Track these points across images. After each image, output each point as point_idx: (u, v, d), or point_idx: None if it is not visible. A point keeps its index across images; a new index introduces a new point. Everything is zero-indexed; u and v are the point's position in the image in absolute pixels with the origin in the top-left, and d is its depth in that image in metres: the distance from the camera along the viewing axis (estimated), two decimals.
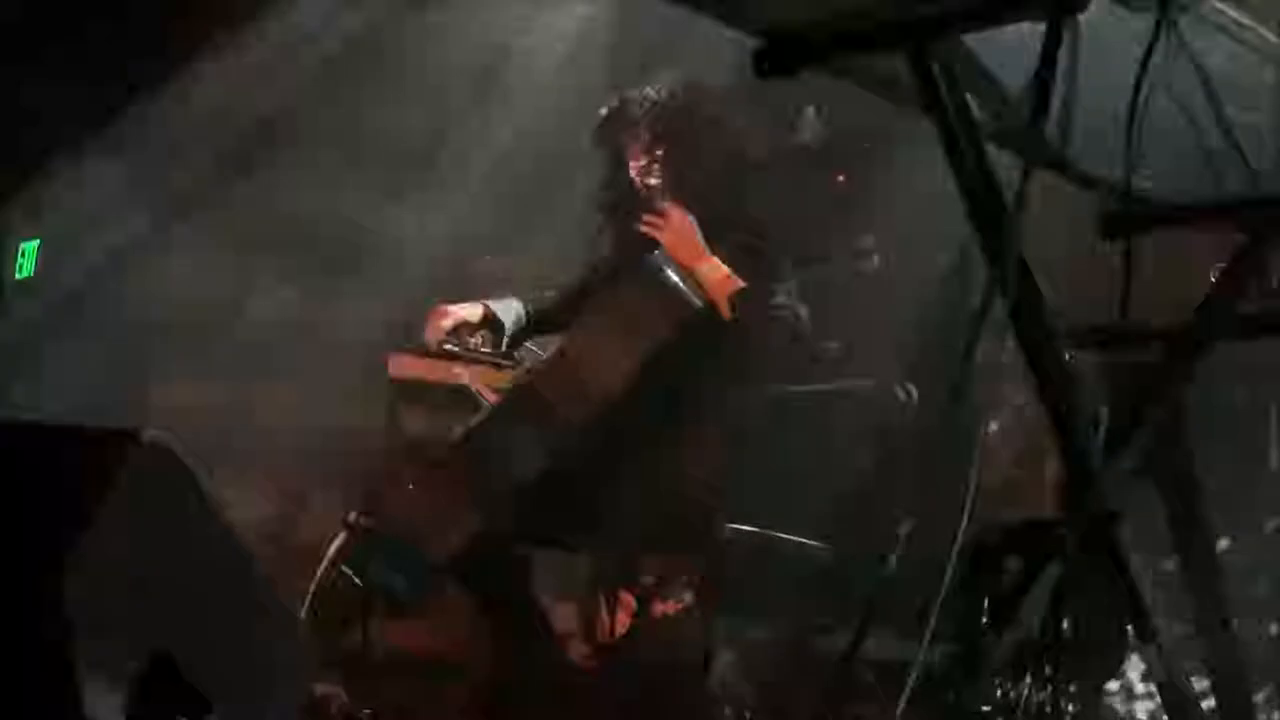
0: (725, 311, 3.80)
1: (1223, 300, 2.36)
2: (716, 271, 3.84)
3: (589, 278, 4.18)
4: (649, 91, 4.04)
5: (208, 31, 5.00)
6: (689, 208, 3.89)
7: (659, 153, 4.00)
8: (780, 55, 2.29)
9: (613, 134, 4.09)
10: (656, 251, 3.87)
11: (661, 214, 3.88)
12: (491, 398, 4.02)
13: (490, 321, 4.17)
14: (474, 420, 3.92)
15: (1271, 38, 2.17)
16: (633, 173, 4.04)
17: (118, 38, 4.92)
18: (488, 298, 4.24)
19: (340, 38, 5.20)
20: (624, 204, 4.08)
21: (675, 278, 3.81)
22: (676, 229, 3.86)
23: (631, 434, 3.77)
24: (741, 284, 3.82)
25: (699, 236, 3.86)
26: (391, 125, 5.36)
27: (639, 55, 5.05)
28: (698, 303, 3.80)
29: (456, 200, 5.36)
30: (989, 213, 2.20)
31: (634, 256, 3.94)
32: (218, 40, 5.01)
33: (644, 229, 3.90)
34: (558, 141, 5.36)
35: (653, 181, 4.01)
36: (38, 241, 5.14)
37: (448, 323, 4.14)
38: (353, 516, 3.80)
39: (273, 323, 5.20)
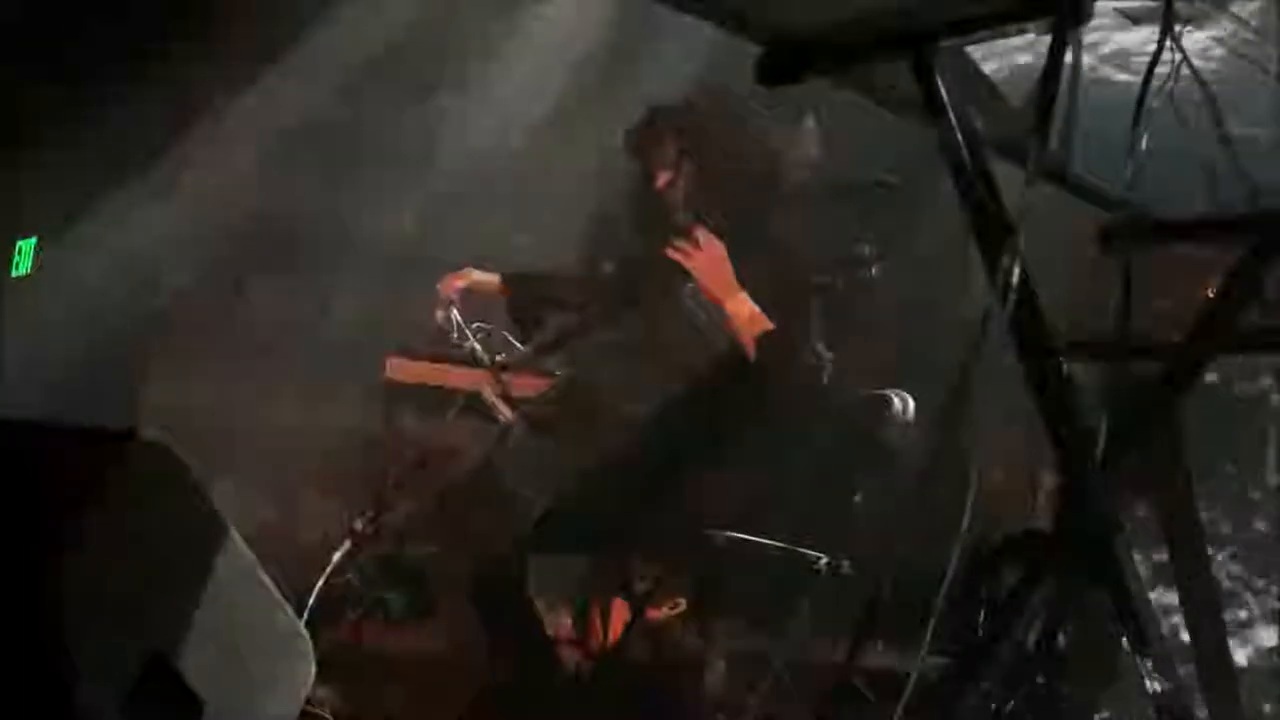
0: (751, 351, 3.68)
1: (1221, 315, 2.36)
2: (745, 308, 3.69)
3: (617, 288, 4.13)
4: (678, 102, 3.97)
5: (211, 34, 5.00)
6: (717, 230, 3.78)
7: (684, 167, 3.92)
8: (783, 63, 2.30)
9: (640, 145, 4.02)
10: (688, 285, 3.75)
11: (693, 241, 3.74)
12: (502, 405, 3.99)
13: (507, 292, 4.15)
14: (485, 443, 3.89)
15: (1273, 52, 2.18)
16: (658, 185, 3.96)
17: (117, 37, 4.93)
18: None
19: (339, 37, 5.20)
20: (652, 218, 4.02)
21: (702, 315, 3.69)
22: (707, 259, 3.71)
23: (641, 457, 3.72)
24: (769, 325, 3.71)
25: (729, 268, 3.71)
26: (391, 129, 5.36)
27: (644, 62, 5.06)
28: (723, 343, 3.68)
29: (456, 203, 5.36)
30: (990, 223, 2.21)
31: (660, 283, 3.87)
32: (221, 43, 5.01)
33: (673, 255, 3.76)
34: (558, 147, 5.37)
35: (677, 196, 3.93)
36: (35, 239, 5.13)
37: (462, 283, 4.14)
38: (359, 525, 3.79)
39: (271, 324, 5.20)
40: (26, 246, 5.15)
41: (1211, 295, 2.38)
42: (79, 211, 4.98)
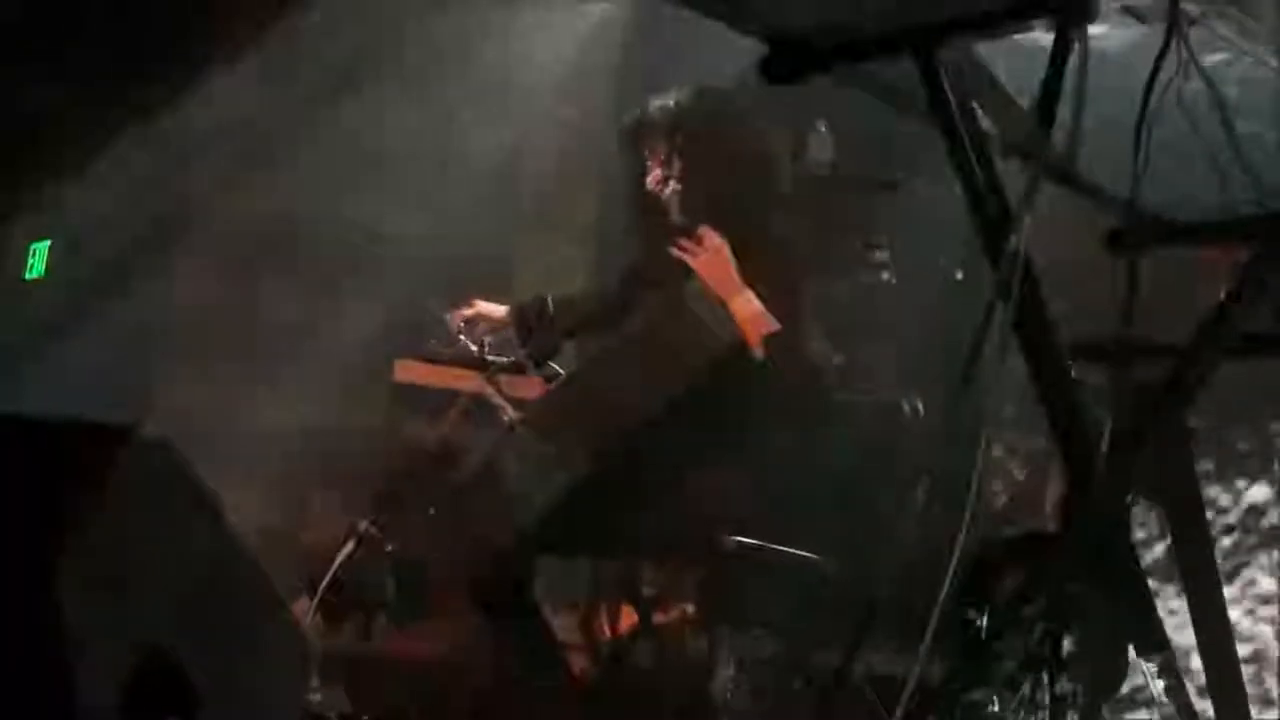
0: (757, 351, 3.62)
1: (1229, 317, 2.34)
2: (750, 307, 3.64)
3: (616, 292, 4.11)
4: (670, 99, 3.94)
5: (215, 34, 5.00)
6: (715, 228, 3.74)
7: (677, 165, 3.89)
8: (789, 61, 2.29)
9: (634, 144, 4.00)
10: (689, 283, 3.69)
11: (695, 238, 3.68)
12: (505, 406, 3.98)
13: (514, 323, 4.13)
14: (488, 444, 3.88)
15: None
16: (650, 184, 3.93)
17: (124, 39, 4.93)
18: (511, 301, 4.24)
19: (346, 42, 5.20)
20: (649, 217, 3.99)
21: (706, 314, 3.64)
22: (711, 256, 3.66)
23: (645, 458, 3.70)
24: (775, 324, 3.64)
25: (733, 266, 3.66)
26: (397, 129, 5.35)
27: (652, 60, 5.05)
28: (728, 341, 3.61)
29: (461, 204, 5.35)
30: (995, 223, 2.19)
31: (663, 281, 3.84)
32: (225, 42, 5.01)
33: (676, 252, 3.70)
34: (565, 147, 5.37)
35: (670, 195, 3.90)
36: (48, 242, 5.13)
37: (470, 312, 4.13)
38: (363, 526, 3.79)
39: (276, 325, 5.20)
40: (40, 249, 5.15)
41: (1220, 297, 2.37)
42: (85, 213, 4.98)
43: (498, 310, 4.19)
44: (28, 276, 5.13)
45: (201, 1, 5.01)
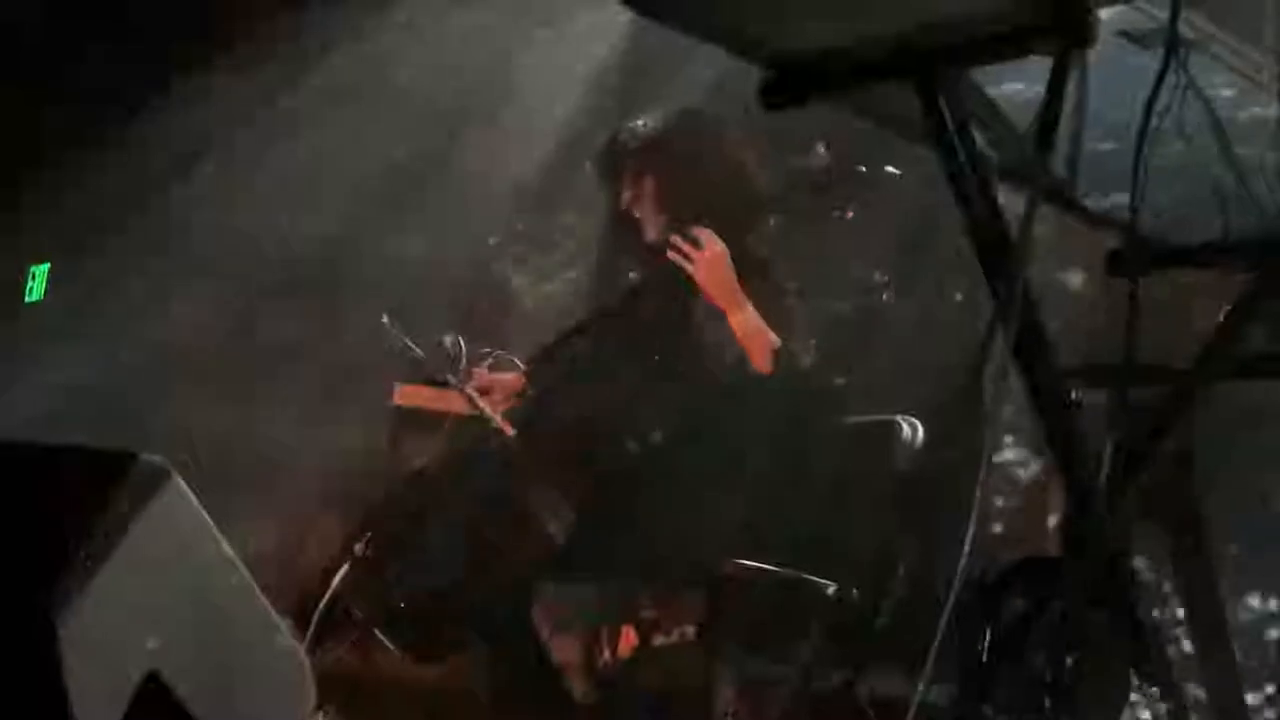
0: (764, 367, 3.60)
1: (1229, 340, 2.34)
2: (752, 322, 3.61)
3: (614, 312, 4.10)
4: (641, 122, 3.95)
5: (218, 49, 5.01)
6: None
7: (647, 184, 3.90)
8: (787, 86, 2.29)
9: (608, 166, 4.01)
10: (691, 298, 3.69)
11: (694, 243, 3.62)
12: (504, 427, 3.97)
13: (532, 387, 4.11)
14: (488, 462, 3.87)
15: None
16: (624, 204, 3.93)
17: (127, 54, 4.94)
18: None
19: (348, 58, 5.21)
20: (629, 237, 3.99)
21: (710, 333, 3.62)
22: (710, 266, 3.60)
23: (644, 479, 3.69)
24: (778, 341, 3.61)
25: (733, 275, 3.61)
26: (398, 147, 5.36)
27: (652, 79, 5.05)
28: (731, 359, 3.61)
29: (462, 223, 5.36)
30: (994, 247, 2.19)
31: (663, 297, 3.84)
32: (226, 59, 5.02)
33: (673, 255, 3.64)
34: (566, 165, 5.37)
35: (642, 214, 3.90)
36: (47, 265, 5.14)
37: (482, 382, 4.10)
38: (359, 548, 3.78)
39: (274, 346, 5.20)
40: (40, 272, 5.15)
41: (1220, 320, 2.37)
42: (86, 230, 4.99)
43: (508, 377, 4.17)
44: (28, 300, 5.14)
45: (201, 4, 5.02)
